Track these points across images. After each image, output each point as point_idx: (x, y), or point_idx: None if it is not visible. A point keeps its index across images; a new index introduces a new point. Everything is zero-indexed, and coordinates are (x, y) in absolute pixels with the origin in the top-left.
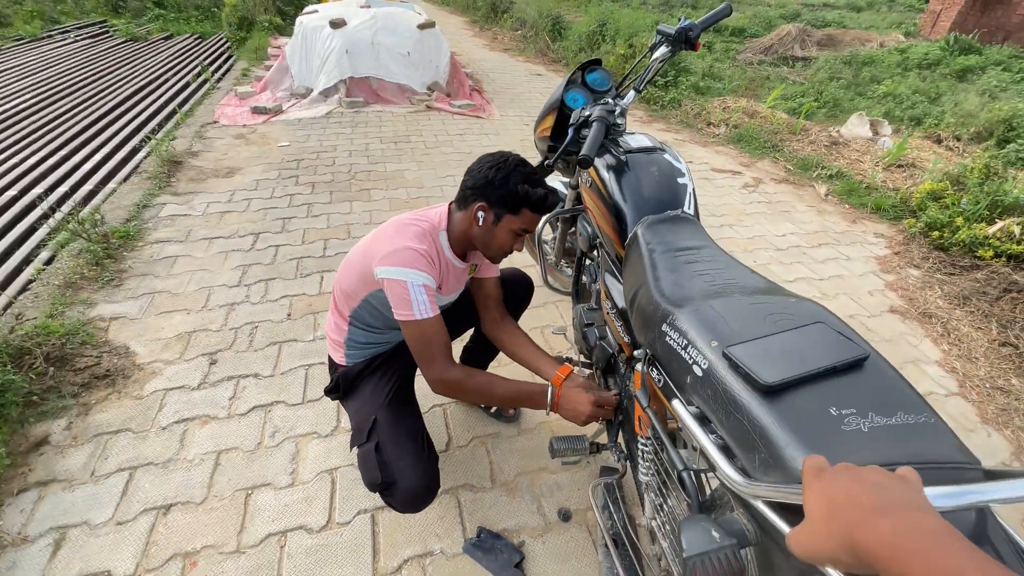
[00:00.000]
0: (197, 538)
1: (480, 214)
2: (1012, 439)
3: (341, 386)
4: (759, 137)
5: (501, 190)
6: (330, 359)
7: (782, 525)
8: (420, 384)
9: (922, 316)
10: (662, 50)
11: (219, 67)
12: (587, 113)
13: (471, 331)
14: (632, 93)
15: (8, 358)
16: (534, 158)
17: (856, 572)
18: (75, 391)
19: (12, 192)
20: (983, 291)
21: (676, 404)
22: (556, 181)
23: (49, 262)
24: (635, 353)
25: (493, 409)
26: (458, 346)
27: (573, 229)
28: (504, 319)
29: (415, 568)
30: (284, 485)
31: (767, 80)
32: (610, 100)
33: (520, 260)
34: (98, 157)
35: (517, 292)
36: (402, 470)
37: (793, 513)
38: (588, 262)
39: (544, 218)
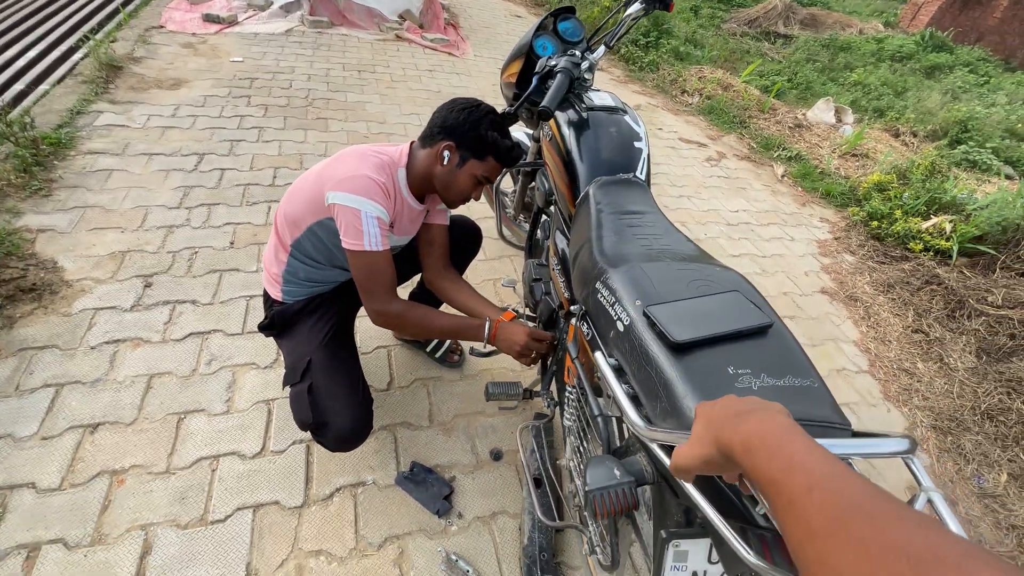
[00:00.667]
0: (126, 457)
1: (446, 153)
2: (908, 416)
3: (277, 323)
4: (729, 111)
5: (471, 133)
6: (265, 293)
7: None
8: (362, 325)
9: (848, 299)
10: (636, 7)
11: None
12: (553, 63)
13: (417, 280)
14: (602, 48)
15: None
16: (502, 105)
17: (723, 471)
18: None
19: None
20: (907, 281)
21: (598, 356)
22: (520, 132)
23: None
24: (572, 308)
25: (438, 354)
26: (403, 293)
27: (533, 183)
28: (447, 269)
29: (347, 496)
30: (219, 412)
31: (746, 54)
32: (578, 53)
33: (479, 211)
34: (31, 54)
35: (464, 242)
36: (335, 412)
37: None
38: (544, 218)
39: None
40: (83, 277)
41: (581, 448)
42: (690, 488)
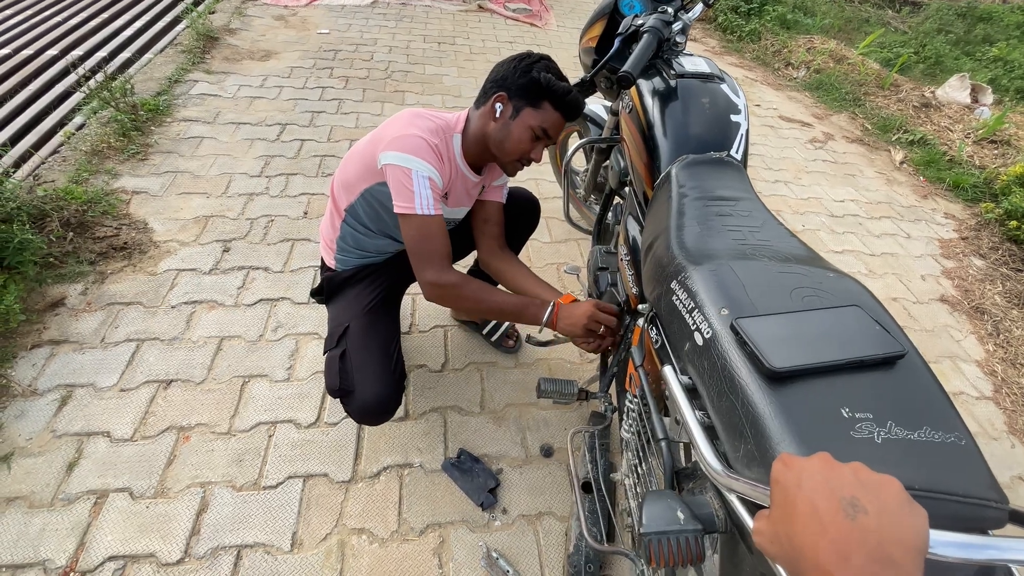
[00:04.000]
0: (193, 415)
1: (498, 106)
2: None
3: (326, 289)
4: (841, 87)
5: (522, 79)
6: (322, 261)
7: (752, 524)
8: (421, 303)
9: (973, 311)
10: None
11: None
12: (639, 22)
13: (472, 262)
14: (700, 6)
15: (28, 218)
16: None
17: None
18: (93, 259)
19: (52, 51)
20: None
21: (667, 371)
22: (597, 104)
23: (81, 128)
24: (640, 307)
25: (495, 337)
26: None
27: (607, 162)
28: (503, 249)
29: (392, 476)
30: (280, 379)
31: (865, 23)
32: (670, 10)
33: (548, 190)
34: (138, 24)
35: (522, 215)
36: (362, 381)
37: None
38: (617, 201)
39: (576, 144)
40: (170, 239)
41: (640, 469)
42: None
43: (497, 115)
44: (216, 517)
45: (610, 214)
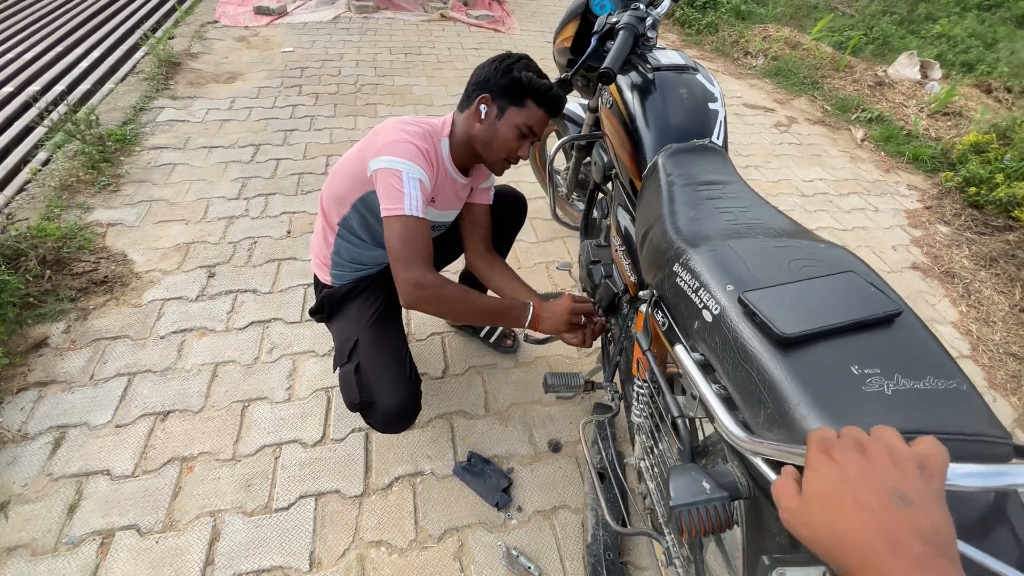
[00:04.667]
0: (194, 444)
1: (482, 107)
2: (1018, 406)
3: (326, 307)
4: (799, 72)
5: (504, 79)
6: (315, 278)
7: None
8: (415, 312)
9: (944, 275)
10: None
11: None
12: (614, 20)
13: (461, 270)
14: (667, 2)
15: (3, 259)
16: (555, 76)
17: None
18: (73, 295)
19: (8, 88)
20: (1013, 254)
21: (679, 350)
22: (574, 103)
23: (46, 163)
24: (640, 293)
25: (492, 339)
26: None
27: (588, 159)
28: (490, 252)
29: (405, 486)
30: (280, 400)
31: (815, 9)
32: (642, 7)
33: (529, 191)
34: (95, 54)
35: (509, 211)
36: (381, 391)
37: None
38: (601, 196)
39: (558, 143)
40: (151, 269)
41: (656, 449)
42: None
43: (483, 116)
44: (230, 545)
45: (595, 209)
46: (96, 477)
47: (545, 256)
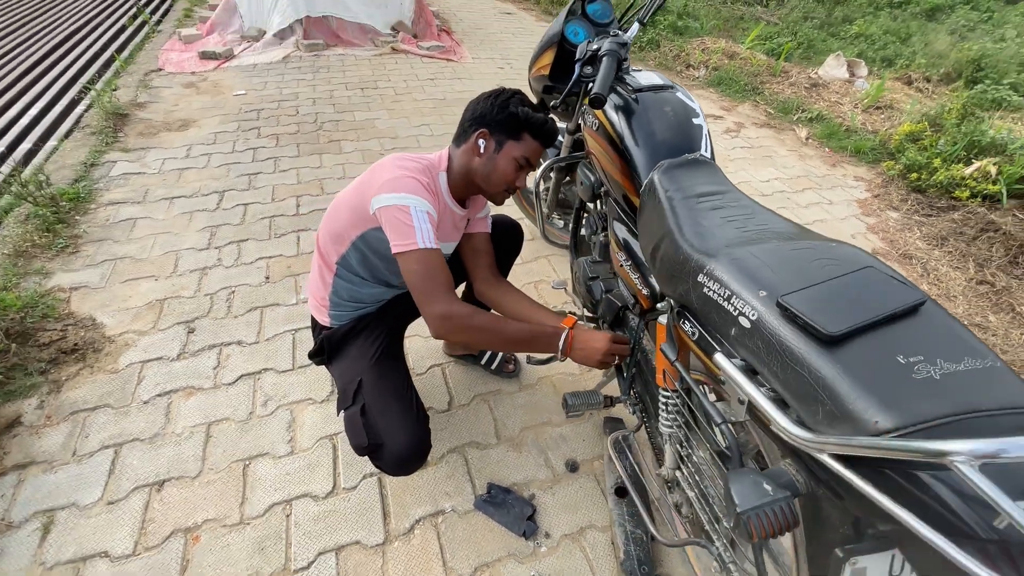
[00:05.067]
0: (197, 512)
1: (480, 142)
2: None
3: (326, 349)
4: (739, 80)
5: (501, 114)
6: (313, 321)
7: (852, 478)
8: (414, 345)
9: (903, 257)
10: None
11: (157, 7)
12: (595, 47)
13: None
14: (636, 26)
15: None
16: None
17: None
18: (43, 367)
19: None
20: (960, 231)
21: (719, 358)
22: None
23: None
24: (658, 305)
25: (493, 365)
26: None
27: (567, 179)
28: (497, 277)
29: (428, 527)
30: (283, 454)
31: (741, 20)
32: (620, 33)
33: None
34: (34, 111)
35: (505, 240)
36: (389, 432)
37: (863, 465)
38: (586, 214)
39: (543, 167)
40: (124, 331)
41: (692, 458)
42: (887, 503)
43: (481, 151)
44: None
45: (584, 227)
46: (94, 560)
47: (531, 276)
